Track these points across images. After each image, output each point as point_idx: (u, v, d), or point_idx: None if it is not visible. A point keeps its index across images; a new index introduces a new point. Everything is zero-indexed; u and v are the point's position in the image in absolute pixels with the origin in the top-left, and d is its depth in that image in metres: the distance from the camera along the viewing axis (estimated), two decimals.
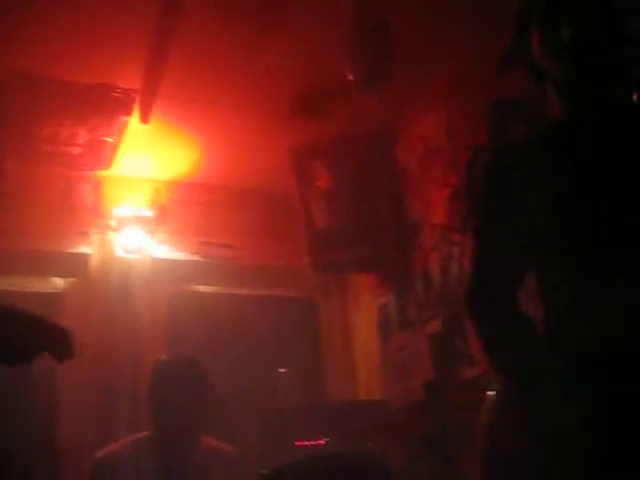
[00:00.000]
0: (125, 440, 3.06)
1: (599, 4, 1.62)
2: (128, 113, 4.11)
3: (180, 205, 4.74)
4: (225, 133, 4.38)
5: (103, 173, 4.59)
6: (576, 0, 1.56)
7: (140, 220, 4.57)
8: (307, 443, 3.76)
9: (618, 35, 1.57)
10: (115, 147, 4.37)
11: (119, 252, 4.53)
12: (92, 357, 3.96)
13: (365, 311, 4.85)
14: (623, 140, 1.65)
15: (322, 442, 3.78)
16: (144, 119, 4.15)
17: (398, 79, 3.70)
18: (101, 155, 4.41)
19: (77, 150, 4.34)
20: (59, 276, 4.52)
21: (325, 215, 4.45)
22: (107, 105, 4.06)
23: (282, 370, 4.12)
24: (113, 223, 4.56)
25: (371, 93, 3.77)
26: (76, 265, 4.45)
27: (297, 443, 3.77)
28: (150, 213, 4.61)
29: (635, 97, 1.16)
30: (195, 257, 4.72)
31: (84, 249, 4.49)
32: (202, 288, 4.84)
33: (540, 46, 1.73)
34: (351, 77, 3.55)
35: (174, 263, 4.69)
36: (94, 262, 4.47)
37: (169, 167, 4.69)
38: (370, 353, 4.72)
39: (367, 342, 4.78)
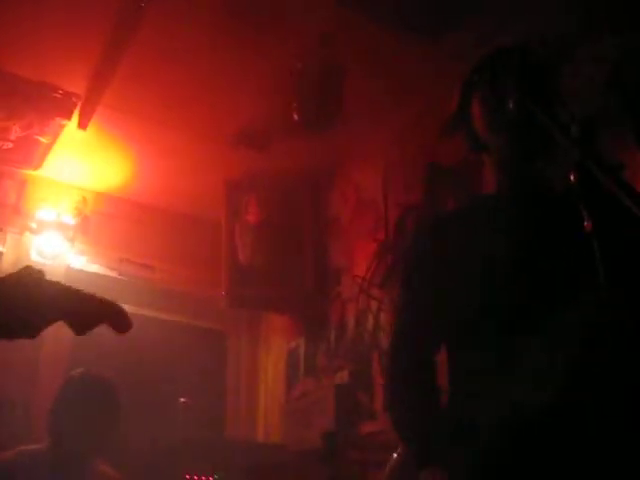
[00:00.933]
0: (14, 450, 2.93)
1: (541, 86, 1.66)
2: (67, 116, 4.03)
3: (105, 218, 4.65)
4: (163, 153, 4.34)
5: (31, 172, 4.48)
6: (518, 80, 1.60)
7: (61, 226, 4.44)
8: (196, 477, 3.68)
9: (557, 116, 1.61)
10: (48, 148, 4.27)
11: (34, 256, 4.38)
12: None
13: (274, 352, 4.82)
14: (551, 221, 1.68)
15: (211, 478, 3.70)
16: (82, 125, 4.08)
17: (342, 128, 3.74)
18: (32, 154, 4.31)
19: (8, 145, 4.22)
20: None
21: (248, 249, 4.43)
22: (46, 105, 3.97)
23: (182, 400, 4.03)
24: (33, 225, 4.42)
25: (314, 136, 3.78)
26: None
27: (187, 476, 3.68)
28: (73, 221, 4.49)
29: (572, 177, 1.18)
30: (112, 273, 4.62)
31: None
32: None
33: (480, 119, 1.77)
34: (296, 117, 3.56)
35: (90, 275, 4.58)
36: (6, 262, 4.32)
37: (100, 178, 4.61)
38: (273, 395, 4.68)
39: (272, 383, 4.74)
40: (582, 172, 1.19)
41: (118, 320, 1.60)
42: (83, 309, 1.54)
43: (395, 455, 2.31)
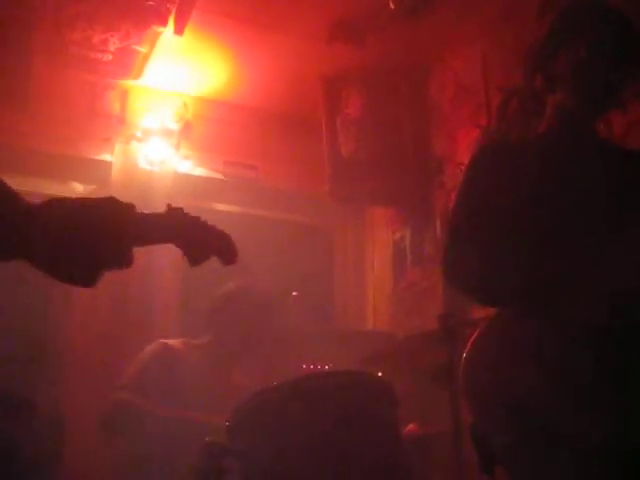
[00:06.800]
0: (180, 340, 3.31)
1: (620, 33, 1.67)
2: (162, 23, 4.06)
3: (207, 122, 4.72)
4: (259, 53, 4.35)
5: (131, 83, 4.57)
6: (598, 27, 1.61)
7: (165, 133, 4.54)
8: (312, 367, 3.83)
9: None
10: (146, 57, 4.33)
11: (142, 163, 4.52)
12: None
13: (380, 244, 4.88)
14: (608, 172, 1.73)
15: (326, 367, 3.84)
16: (178, 31, 4.10)
17: (439, 14, 3.67)
18: (131, 64, 4.38)
19: (107, 57, 4.30)
20: (79, 182, 4.54)
21: (350, 144, 4.43)
22: (141, 14, 4.01)
23: (295, 293, 4.16)
24: (138, 134, 4.53)
25: (411, 24, 3.73)
26: (97, 172, 4.44)
27: (303, 366, 3.83)
28: (176, 127, 4.58)
29: None
30: (217, 175, 4.73)
31: (107, 157, 4.48)
32: (221, 206, 4.86)
33: (566, 64, 1.83)
34: (392, 5, 3.52)
35: (196, 179, 4.69)
36: (116, 171, 4.45)
37: (199, 82, 4.65)
38: (381, 286, 4.77)
39: (379, 275, 4.82)
40: None
41: (227, 251, 1.69)
42: (197, 239, 1.63)
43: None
